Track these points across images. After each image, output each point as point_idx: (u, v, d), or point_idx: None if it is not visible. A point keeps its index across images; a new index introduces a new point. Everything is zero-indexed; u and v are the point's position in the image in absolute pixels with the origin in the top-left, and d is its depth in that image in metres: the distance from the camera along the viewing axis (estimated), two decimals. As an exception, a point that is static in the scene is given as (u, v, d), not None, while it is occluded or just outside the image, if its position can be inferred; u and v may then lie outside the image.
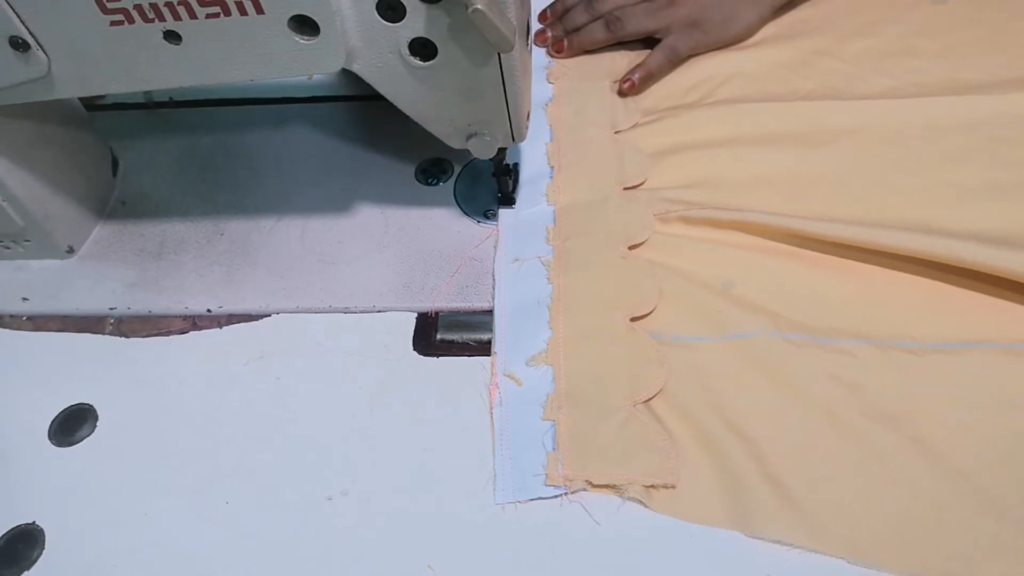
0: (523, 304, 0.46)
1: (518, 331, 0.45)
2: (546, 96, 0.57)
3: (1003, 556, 0.35)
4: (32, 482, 0.42)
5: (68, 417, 0.44)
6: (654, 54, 0.56)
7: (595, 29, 0.58)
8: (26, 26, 0.37)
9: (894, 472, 0.38)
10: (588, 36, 0.58)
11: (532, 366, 0.43)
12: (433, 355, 0.45)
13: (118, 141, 0.56)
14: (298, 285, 0.49)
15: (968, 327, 0.42)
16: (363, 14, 0.37)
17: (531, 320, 0.45)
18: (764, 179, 0.49)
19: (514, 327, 0.45)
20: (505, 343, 0.44)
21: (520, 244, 0.49)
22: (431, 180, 0.53)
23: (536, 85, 0.56)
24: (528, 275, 0.47)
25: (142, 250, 0.52)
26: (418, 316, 0.47)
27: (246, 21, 0.36)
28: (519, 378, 0.43)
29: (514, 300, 0.46)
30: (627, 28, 0.57)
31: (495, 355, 0.44)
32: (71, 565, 0.39)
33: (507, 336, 0.44)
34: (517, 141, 0.44)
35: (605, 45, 0.59)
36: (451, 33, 0.37)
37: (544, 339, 0.44)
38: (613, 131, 0.53)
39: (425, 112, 0.42)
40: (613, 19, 0.57)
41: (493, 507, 0.39)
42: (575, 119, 0.55)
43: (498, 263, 0.48)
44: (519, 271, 0.47)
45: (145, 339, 0.48)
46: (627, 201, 0.49)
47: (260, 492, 0.41)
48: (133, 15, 0.36)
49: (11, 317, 0.50)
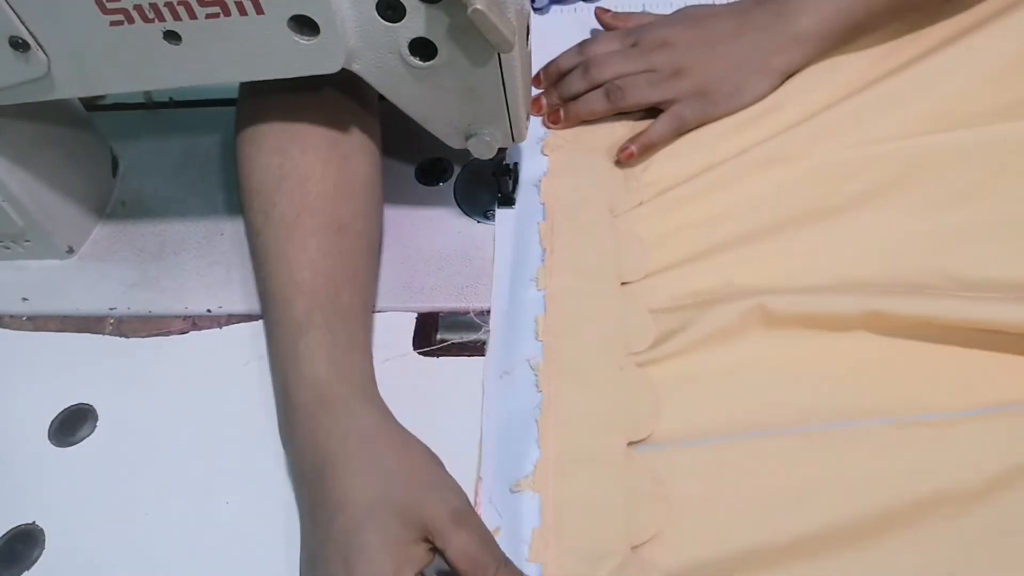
0: (511, 415, 0.41)
1: (505, 450, 0.41)
2: (540, 170, 0.52)
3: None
4: (32, 482, 0.42)
5: (68, 417, 0.44)
6: (658, 123, 0.52)
7: (594, 99, 0.53)
8: (26, 26, 0.37)
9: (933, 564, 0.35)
10: (586, 106, 0.53)
11: (517, 492, 0.38)
12: (433, 355, 0.45)
13: (118, 141, 0.56)
14: (298, 285, 0.48)
15: (991, 389, 0.39)
16: (363, 14, 0.37)
17: (518, 436, 0.41)
18: (774, 251, 0.46)
19: (502, 446, 0.41)
20: (493, 465, 0.40)
21: (509, 343, 0.44)
22: (431, 180, 0.53)
23: (531, 158, 0.53)
24: (517, 383, 0.43)
25: (142, 250, 0.52)
26: (418, 316, 0.47)
27: (246, 21, 0.36)
28: (501, 512, 0.38)
29: (502, 412, 0.42)
30: (629, 99, 0.52)
31: (480, 480, 0.40)
32: (71, 565, 0.39)
33: (495, 457, 0.40)
34: (517, 141, 0.44)
35: (605, 116, 0.54)
36: (451, 33, 0.37)
37: (532, 460, 0.39)
38: (612, 213, 0.49)
39: (425, 112, 0.42)
40: (614, 88, 0.52)
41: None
42: (571, 197, 0.50)
43: (486, 374, 0.44)
44: (508, 382, 0.43)
45: (145, 339, 0.48)
46: (625, 299, 0.45)
47: (260, 492, 0.41)
48: (133, 15, 0.36)
49: (11, 317, 0.50)
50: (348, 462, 0.35)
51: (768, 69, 0.52)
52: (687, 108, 0.52)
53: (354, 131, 0.45)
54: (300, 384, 0.38)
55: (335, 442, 0.36)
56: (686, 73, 0.51)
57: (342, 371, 0.38)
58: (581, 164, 0.52)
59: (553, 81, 0.56)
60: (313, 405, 0.37)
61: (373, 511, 0.33)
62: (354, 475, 0.35)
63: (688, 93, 0.51)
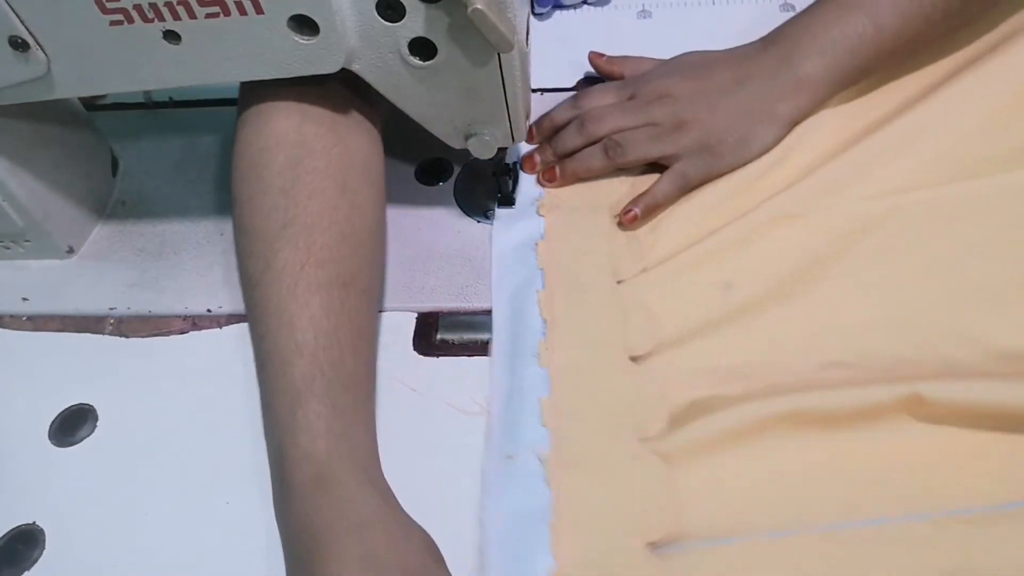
0: (518, 517, 0.38)
1: (512, 556, 0.37)
2: (537, 233, 0.49)
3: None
4: (32, 482, 0.42)
5: (68, 417, 0.44)
6: (661, 183, 0.48)
7: (591, 155, 0.50)
8: (26, 26, 0.37)
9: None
10: (583, 164, 0.50)
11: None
12: (433, 355, 0.45)
13: (118, 141, 0.56)
14: (298, 285, 0.48)
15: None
16: (363, 14, 0.37)
17: (526, 539, 0.37)
18: (789, 318, 0.44)
19: (507, 549, 0.37)
20: (498, 573, 0.37)
21: (511, 425, 0.41)
22: (431, 180, 0.53)
23: (524, 220, 0.50)
24: (522, 475, 0.39)
25: (142, 250, 0.52)
26: (418, 316, 0.47)
27: (246, 21, 0.36)
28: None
29: (508, 511, 0.38)
30: (629, 156, 0.49)
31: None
32: (71, 565, 0.39)
33: (500, 564, 0.37)
34: (517, 141, 0.44)
35: (603, 174, 0.51)
36: (451, 33, 0.37)
37: (544, 568, 0.36)
38: (615, 279, 0.46)
39: (425, 112, 0.42)
40: (612, 144, 0.49)
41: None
42: (571, 262, 0.47)
43: (486, 461, 0.41)
44: (512, 470, 0.40)
45: (145, 339, 0.48)
46: (634, 376, 0.42)
47: (260, 492, 0.40)
48: (133, 15, 0.36)
49: (11, 317, 0.50)
50: (341, 553, 0.33)
51: (775, 117, 0.49)
52: (691, 165, 0.49)
53: (365, 169, 0.43)
54: (297, 459, 0.36)
55: (329, 529, 0.34)
56: (688, 127, 0.48)
57: (342, 447, 0.36)
58: (580, 226, 0.49)
59: (547, 136, 0.53)
60: (310, 484, 0.35)
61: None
62: (344, 567, 0.33)
63: (691, 148, 0.48)
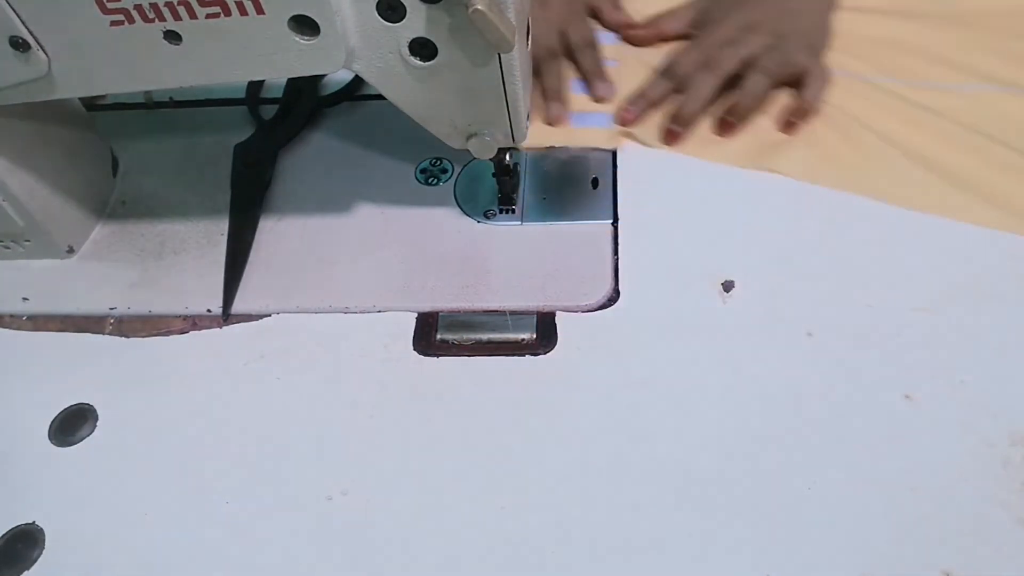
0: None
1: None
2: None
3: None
4: (32, 482, 0.42)
5: (68, 417, 0.44)
6: (810, 87, 0.52)
7: (754, 83, 0.52)
8: (26, 26, 0.37)
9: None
10: (751, 92, 0.52)
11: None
12: (433, 355, 0.45)
13: (118, 141, 0.56)
14: (298, 285, 0.48)
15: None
16: (363, 14, 0.37)
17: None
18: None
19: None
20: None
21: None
22: (431, 180, 0.53)
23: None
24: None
25: (142, 250, 0.52)
26: (418, 316, 0.47)
27: (246, 21, 0.36)
28: None
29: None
30: (781, 63, 0.53)
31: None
32: (71, 565, 0.39)
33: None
34: (517, 141, 0.44)
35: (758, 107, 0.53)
36: (451, 33, 0.37)
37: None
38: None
39: (425, 112, 0.42)
40: (758, 65, 0.52)
41: (493, 506, 0.39)
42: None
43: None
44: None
45: (145, 339, 0.48)
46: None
47: (260, 492, 0.41)
48: (133, 15, 0.36)
49: (11, 317, 0.50)
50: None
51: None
52: (813, 62, 0.53)
53: None
54: None
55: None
56: (789, 36, 0.53)
57: None
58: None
59: (653, 103, 0.54)
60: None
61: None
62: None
63: (802, 46, 0.53)
